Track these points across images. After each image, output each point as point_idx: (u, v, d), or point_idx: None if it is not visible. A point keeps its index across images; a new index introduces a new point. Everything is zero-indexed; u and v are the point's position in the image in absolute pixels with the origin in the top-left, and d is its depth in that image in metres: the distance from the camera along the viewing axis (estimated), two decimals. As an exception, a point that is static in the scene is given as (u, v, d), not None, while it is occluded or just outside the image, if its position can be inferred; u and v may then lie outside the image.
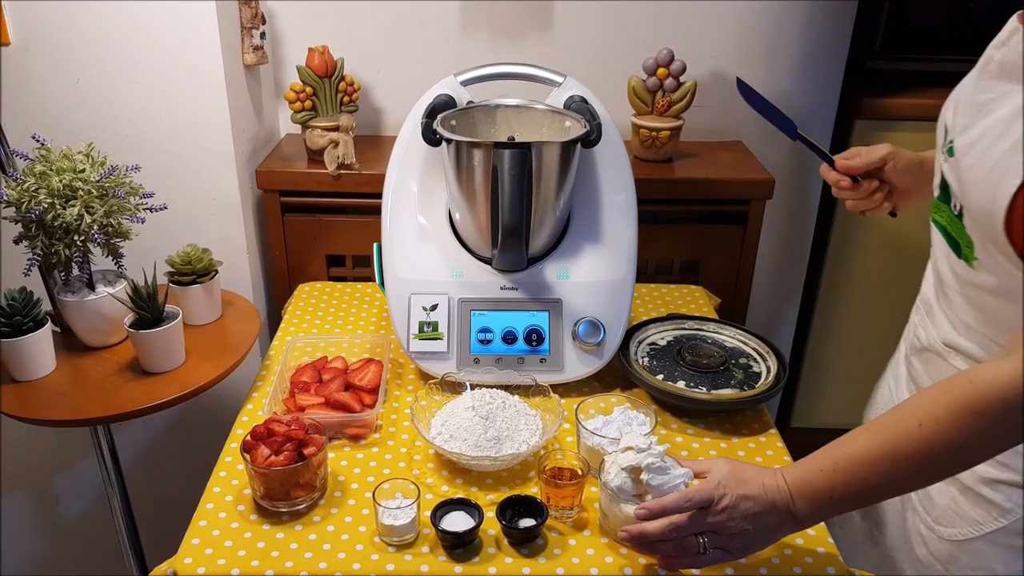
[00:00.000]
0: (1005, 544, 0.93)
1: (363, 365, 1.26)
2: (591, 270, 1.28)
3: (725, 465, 0.92)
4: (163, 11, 1.42)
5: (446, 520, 0.99)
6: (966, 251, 0.89)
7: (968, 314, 0.93)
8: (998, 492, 0.93)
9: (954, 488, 0.97)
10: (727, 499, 0.88)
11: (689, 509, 0.89)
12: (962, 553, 0.96)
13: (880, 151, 1.16)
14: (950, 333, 0.97)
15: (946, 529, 0.98)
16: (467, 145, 1.19)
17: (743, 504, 0.88)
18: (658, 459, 0.95)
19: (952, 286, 0.95)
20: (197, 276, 1.38)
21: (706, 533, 0.89)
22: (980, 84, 0.89)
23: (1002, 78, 0.86)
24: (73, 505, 1.92)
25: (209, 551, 0.97)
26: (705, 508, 0.89)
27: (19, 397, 1.22)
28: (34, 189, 1.19)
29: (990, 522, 0.93)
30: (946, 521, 0.98)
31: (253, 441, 1.04)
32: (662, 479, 0.94)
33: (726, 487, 0.89)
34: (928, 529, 1.01)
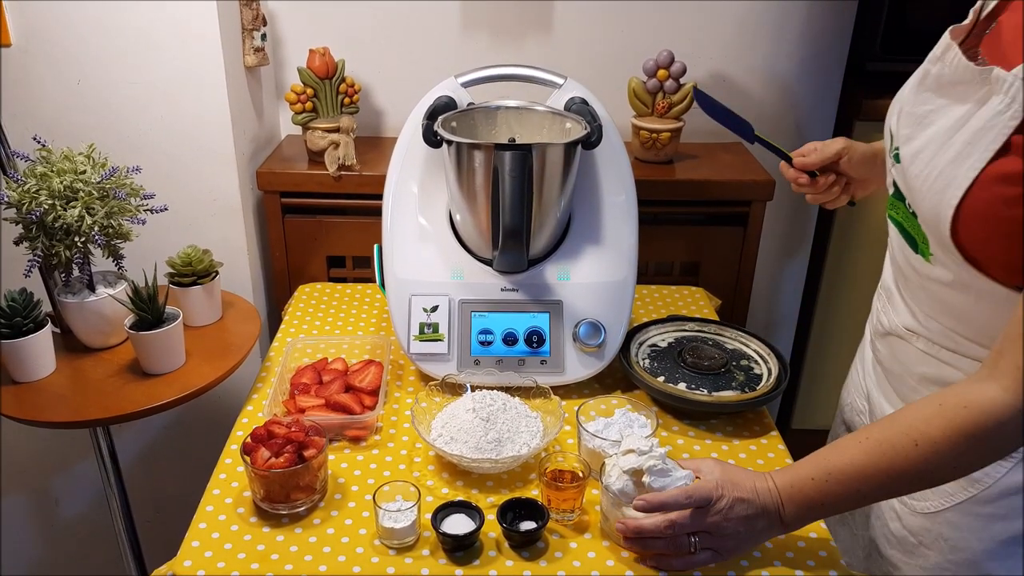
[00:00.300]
0: (975, 513, 0.95)
1: (363, 367, 1.26)
2: (592, 271, 1.28)
3: (716, 467, 0.95)
4: (164, 12, 1.42)
5: (446, 523, 0.98)
6: (922, 247, 0.92)
7: (926, 304, 0.96)
8: None
9: None
10: (724, 500, 0.90)
11: (689, 507, 0.91)
12: (934, 524, 0.98)
13: (835, 146, 1.20)
14: (910, 320, 1.00)
15: (919, 503, 1.00)
16: (468, 147, 1.19)
17: (738, 507, 0.90)
18: (660, 461, 0.95)
19: (910, 277, 0.98)
20: (197, 277, 1.38)
21: (699, 533, 0.91)
22: (919, 96, 0.93)
23: (938, 92, 0.90)
24: (72, 506, 1.92)
25: (208, 554, 0.96)
26: (703, 507, 0.90)
27: (19, 398, 1.22)
28: (35, 190, 1.19)
29: (960, 492, 0.96)
30: (919, 494, 1.00)
31: (253, 443, 1.03)
32: (664, 481, 0.95)
33: (723, 488, 0.91)
34: (902, 504, 1.03)
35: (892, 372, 1.06)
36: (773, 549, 0.98)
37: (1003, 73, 0.80)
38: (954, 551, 0.97)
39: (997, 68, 0.81)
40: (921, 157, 0.89)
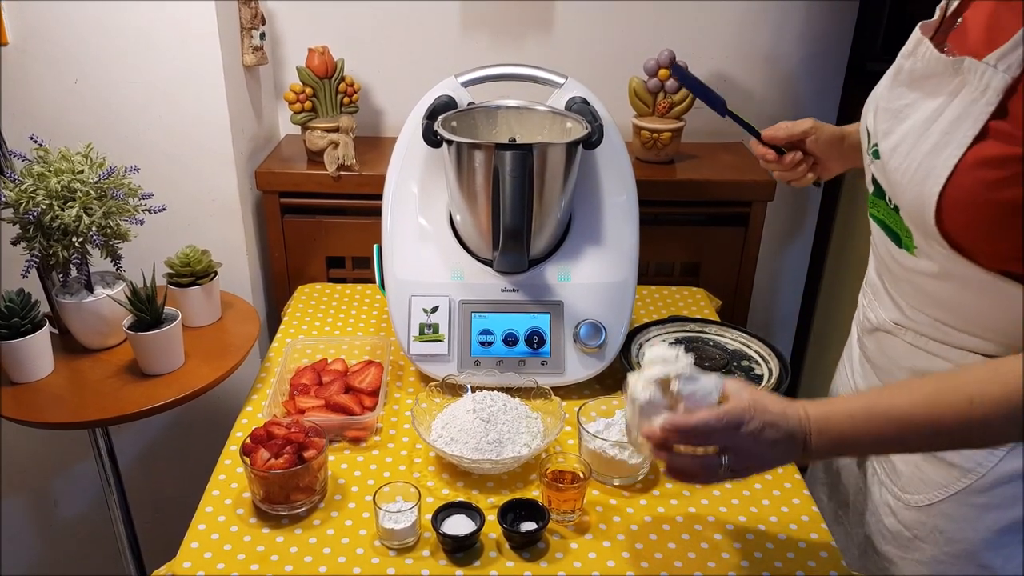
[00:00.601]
0: (969, 503, 0.95)
1: (363, 367, 1.26)
2: (592, 272, 1.27)
3: (745, 388, 0.89)
4: (163, 12, 1.41)
5: (447, 524, 0.98)
6: (906, 241, 0.93)
7: (912, 297, 0.97)
8: (958, 454, 0.95)
9: (917, 455, 1.00)
10: (755, 423, 0.85)
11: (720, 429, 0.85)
12: (929, 517, 0.99)
13: (803, 125, 1.22)
14: (896, 314, 1.00)
15: (912, 496, 1.00)
16: (468, 146, 1.19)
17: (768, 431, 0.85)
18: (687, 368, 0.90)
19: (895, 272, 0.99)
20: (196, 278, 1.37)
21: (727, 453, 0.86)
22: (894, 91, 0.95)
23: (912, 86, 0.92)
24: (71, 507, 1.91)
25: (208, 555, 0.96)
26: (736, 427, 0.85)
27: (17, 399, 1.21)
28: (32, 190, 1.18)
29: (953, 483, 0.96)
30: (912, 488, 1.00)
31: (253, 444, 1.03)
32: (693, 387, 0.89)
33: (755, 409, 0.86)
34: (895, 499, 1.03)
35: (881, 368, 1.07)
36: (774, 549, 0.97)
37: (975, 63, 0.82)
38: (950, 543, 0.98)
39: (968, 58, 0.83)
40: (900, 150, 0.90)
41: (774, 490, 1.07)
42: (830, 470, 1.24)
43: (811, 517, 1.03)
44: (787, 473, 1.11)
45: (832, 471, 1.24)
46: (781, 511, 1.04)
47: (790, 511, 1.04)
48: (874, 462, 1.09)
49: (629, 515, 1.03)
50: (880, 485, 1.07)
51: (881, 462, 1.07)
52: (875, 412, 0.85)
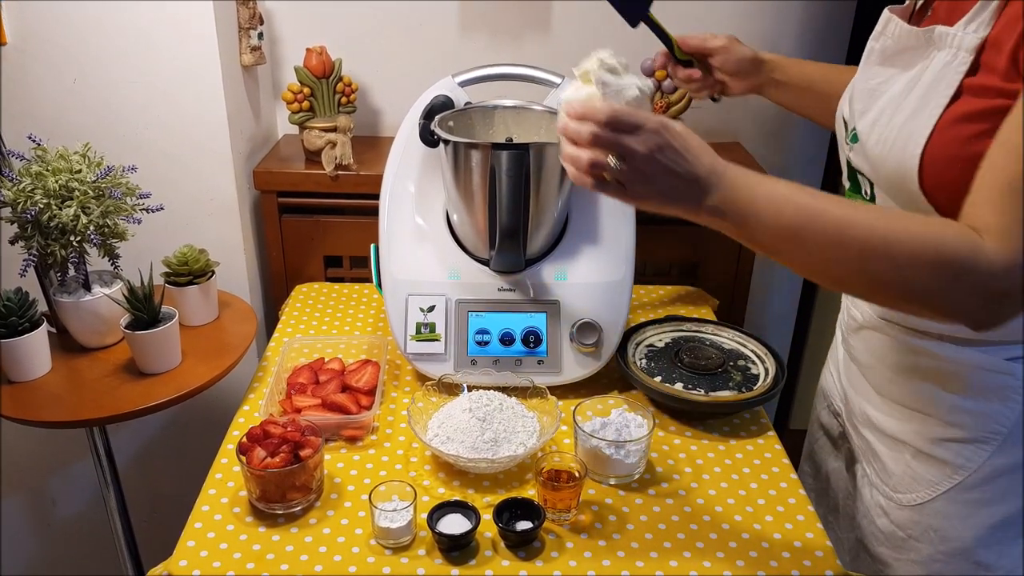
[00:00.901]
0: (961, 500, 0.96)
1: (360, 366, 1.26)
2: (589, 271, 1.28)
3: (679, 124, 0.84)
4: (161, 12, 1.42)
5: (443, 523, 0.98)
6: None
7: None
8: (948, 451, 0.96)
9: (907, 454, 1.01)
10: (657, 137, 0.80)
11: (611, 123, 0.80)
12: (922, 516, 1.00)
13: (717, 41, 1.25)
14: (882, 308, 1.01)
15: (904, 495, 1.01)
16: (465, 146, 1.19)
17: (668, 153, 0.80)
18: (612, 59, 0.85)
19: None
20: (194, 277, 1.37)
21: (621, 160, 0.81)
22: (866, 72, 0.98)
23: (884, 64, 0.95)
24: (69, 506, 1.91)
25: (204, 553, 0.96)
26: (631, 130, 0.80)
27: (15, 398, 1.21)
28: (30, 189, 1.19)
29: (944, 481, 0.97)
30: (903, 487, 1.01)
31: (249, 443, 1.03)
32: (613, 79, 0.85)
33: (664, 128, 0.81)
34: (887, 499, 1.04)
35: (867, 366, 1.08)
36: (769, 549, 0.98)
37: (945, 28, 0.85)
38: (944, 541, 0.98)
39: (939, 26, 0.86)
40: (879, 124, 0.92)
41: (770, 490, 1.08)
42: (819, 475, 1.25)
43: (807, 517, 1.03)
44: (783, 473, 1.11)
45: (822, 476, 1.24)
46: (776, 511, 1.04)
47: (785, 511, 1.04)
48: (864, 464, 1.10)
49: (624, 514, 1.03)
50: (871, 487, 1.07)
51: (871, 462, 1.08)
52: (793, 199, 0.81)
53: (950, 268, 0.76)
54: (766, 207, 0.82)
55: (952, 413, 0.95)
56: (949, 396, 0.95)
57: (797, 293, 2.04)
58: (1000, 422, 0.93)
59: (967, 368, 0.93)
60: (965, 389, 0.94)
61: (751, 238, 0.84)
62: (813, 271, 0.86)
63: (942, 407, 0.96)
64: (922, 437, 0.99)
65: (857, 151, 0.97)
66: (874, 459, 1.07)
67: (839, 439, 1.21)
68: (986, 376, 0.92)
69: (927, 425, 0.98)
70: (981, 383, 0.93)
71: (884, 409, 1.05)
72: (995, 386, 0.92)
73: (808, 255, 0.82)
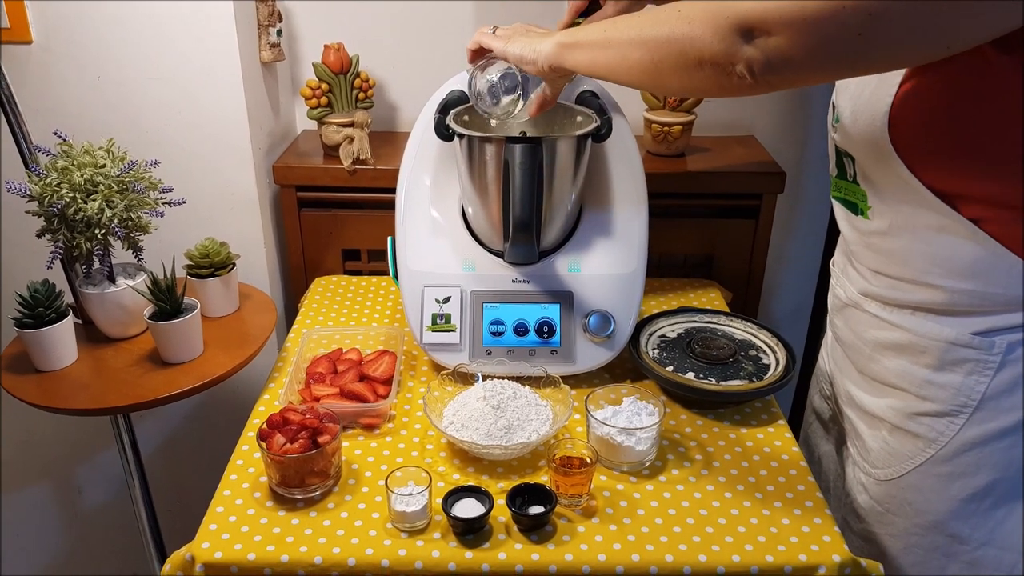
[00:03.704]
0: (935, 474, 0.99)
1: (377, 356, 1.28)
2: (602, 263, 1.29)
3: None
4: (181, 10, 1.45)
5: (457, 507, 1.00)
6: (862, 206, 1.01)
7: (873, 260, 1.02)
8: (921, 424, 1.00)
9: (883, 430, 1.05)
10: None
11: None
12: (898, 490, 1.03)
13: None
14: (862, 283, 1.06)
15: (881, 471, 1.05)
16: (479, 140, 1.21)
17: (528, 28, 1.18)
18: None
19: (856, 242, 1.05)
20: (215, 269, 1.40)
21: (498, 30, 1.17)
22: None
23: None
24: (95, 495, 1.96)
25: (226, 536, 0.99)
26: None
27: (42, 387, 1.25)
28: (56, 184, 1.22)
29: (918, 454, 1.00)
30: (880, 463, 1.05)
31: (269, 429, 1.06)
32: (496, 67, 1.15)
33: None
34: (866, 475, 1.08)
35: (849, 345, 1.11)
36: (777, 534, 0.99)
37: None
38: (919, 514, 1.02)
39: None
40: (852, 88, 0.96)
41: (779, 477, 1.09)
42: (812, 459, 1.28)
43: (815, 503, 1.04)
44: (792, 461, 1.12)
45: (815, 460, 1.27)
46: (785, 497, 1.05)
47: (794, 497, 1.05)
48: (848, 443, 1.14)
49: (635, 500, 1.05)
50: (854, 465, 1.11)
51: (853, 441, 1.12)
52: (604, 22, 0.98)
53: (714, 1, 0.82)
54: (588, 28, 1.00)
55: (924, 387, 0.99)
56: (921, 371, 0.98)
57: (812, 287, 2.04)
58: (969, 395, 0.95)
59: (937, 343, 0.96)
60: (935, 363, 0.97)
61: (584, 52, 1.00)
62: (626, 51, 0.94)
63: (915, 382, 0.99)
64: (897, 412, 1.02)
65: (839, 130, 1.01)
66: (856, 438, 1.11)
67: (829, 422, 1.25)
68: (955, 350, 0.95)
69: (902, 400, 1.02)
70: (951, 357, 0.96)
71: (864, 387, 1.09)
72: (963, 359, 0.95)
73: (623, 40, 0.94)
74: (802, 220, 1.95)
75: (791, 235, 1.96)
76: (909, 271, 0.97)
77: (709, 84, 0.86)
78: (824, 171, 1.88)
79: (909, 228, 0.95)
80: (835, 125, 1.03)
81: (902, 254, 0.97)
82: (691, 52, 0.85)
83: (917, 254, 0.95)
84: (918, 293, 0.97)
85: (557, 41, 1.03)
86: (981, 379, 0.95)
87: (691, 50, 0.85)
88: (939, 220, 0.91)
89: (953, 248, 0.91)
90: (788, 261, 1.99)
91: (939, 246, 0.92)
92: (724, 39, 0.81)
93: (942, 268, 0.93)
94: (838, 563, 0.95)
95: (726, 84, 0.84)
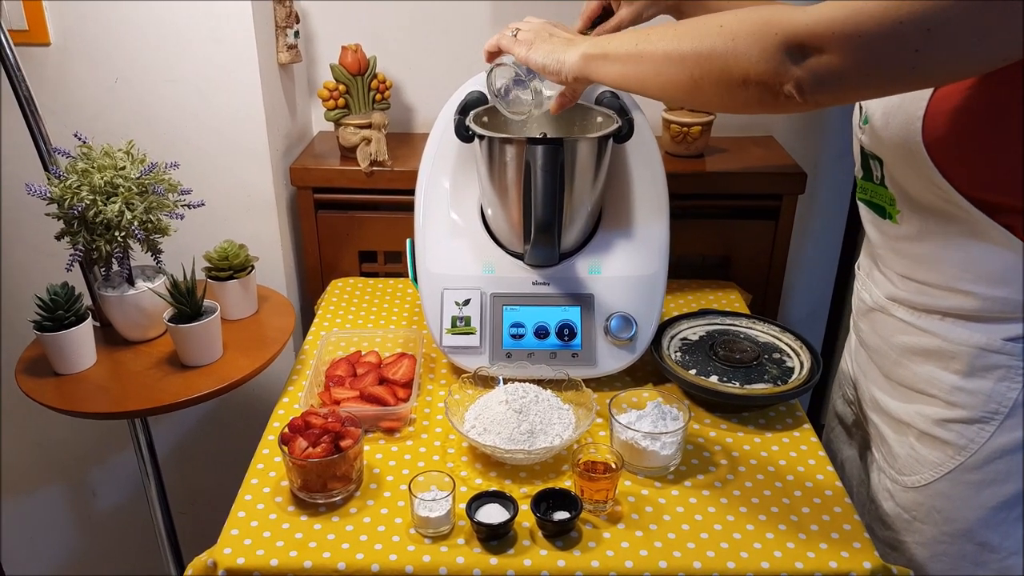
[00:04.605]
0: (964, 481, 0.98)
1: (396, 359, 1.28)
2: (623, 265, 1.28)
3: None
4: (199, 11, 1.44)
5: (481, 512, 0.99)
6: (890, 210, 0.99)
7: (901, 265, 1.01)
8: (951, 431, 0.98)
9: (911, 436, 1.03)
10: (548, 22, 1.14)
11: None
12: (926, 497, 1.01)
13: None
14: (889, 288, 1.04)
15: (909, 477, 1.03)
16: (500, 141, 1.20)
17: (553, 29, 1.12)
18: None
19: (883, 246, 1.04)
20: (234, 271, 1.40)
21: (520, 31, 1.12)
22: None
23: None
24: (110, 498, 1.95)
25: (248, 541, 0.98)
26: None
27: (61, 390, 1.24)
28: (76, 186, 1.21)
29: (947, 462, 0.98)
30: (908, 470, 1.03)
31: (291, 433, 1.05)
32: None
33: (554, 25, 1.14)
34: (893, 482, 1.06)
35: (875, 349, 1.10)
36: (806, 540, 0.98)
37: None
38: (948, 522, 1.00)
39: None
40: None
41: (806, 482, 1.08)
42: (835, 464, 1.25)
43: (843, 509, 1.03)
44: (819, 466, 1.11)
45: (837, 465, 1.25)
46: (813, 503, 1.04)
47: (822, 503, 1.04)
48: (873, 449, 1.12)
49: (661, 505, 1.04)
50: (879, 471, 1.10)
51: (879, 446, 1.10)
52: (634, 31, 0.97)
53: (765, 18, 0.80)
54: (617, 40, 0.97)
55: (953, 394, 0.97)
56: (950, 376, 0.97)
57: (830, 288, 2.03)
58: (1000, 402, 0.94)
59: (967, 348, 0.95)
60: (965, 369, 0.95)
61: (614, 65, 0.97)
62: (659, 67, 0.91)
63: (944, 388, 0.98)
64: (925, 418, 1.01)
65: (867, 131, 0.99)
66: (882, 443, 1.10)
67: (852, 427, 1.23)
68: (985, 356, 0.94)
69: (930, 406, 1.00)
70: (981, 363, 0.94)
71: (890, 392, 1.07)
72: (995, 366, 0.93)
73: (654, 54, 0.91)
74: (819, 221, 1.93)
75: (808, 236, 1.94)
76: (939, 277, 0.95)
77: (753, 102, 0.84)
78: (842, 172, 1.87)
79: (940, 233, 0.93)
80: (863, 126, 1.02)
81: (932, 259, 0.96)
82: (735, 70, 0.82)
83: (948, 260, 0.94)
84: (949, 299, 0.95)
85: (583, 53, 1.00)
86: (1012, 385, 0.93)
87: (735, 68, 0.82)
88: (972, 226, 0.89)
89: (986, 254, 0.90)
90: (805, 262, 1.97)
91: (972, 252, 0.91)
92: (772, 58, 0.79)
93: (974, 274, 0.92)
94: (869, 570, 0.94)
95: (771, 103, 0.82)
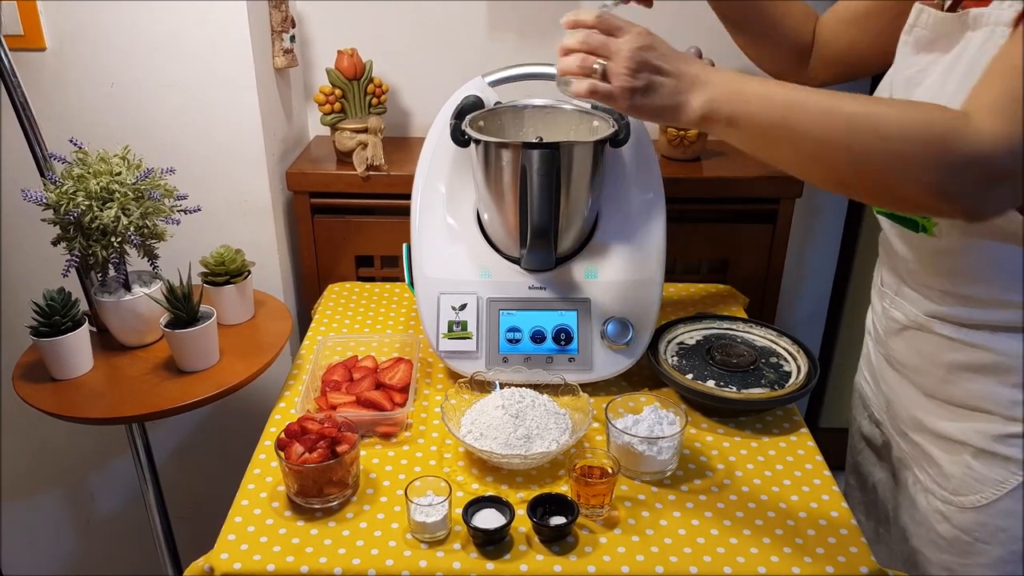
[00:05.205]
0: None
1: (393, 364, 1.28)
2: (620, 269, 1.28)
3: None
4: (195, 15, 1.44)
5: (477, 517, 0.99)
6: (924, 223, 0.94)
7: (940, 280, 0.97)
8: (1012, 447, 0.94)
9: (966, 455, 0.98)
10: (642, 38, 0.89)
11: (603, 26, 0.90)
12: (989, 517, 0.97)
13: None
14: (928, 305, 1.00)
15: (967, 498, 0.98)
16: (496, 146, 1.20)
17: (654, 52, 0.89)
18: None
19: (916, 260, 1.00)
20: (230, 276, 1.40)
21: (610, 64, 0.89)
22: (902, 62, 0.97)
23: (920, 52, 0.95)
24: (108, 503, 1.95)
25: (244, 547, 0.98)
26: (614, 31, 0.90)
27: (58, 395, 1.24)
28: (72, 191, 1.21)
29: (1011, 478, 0.94)
30: (965, 489, 0.98)
31: (287, 439, 1.05)
32: None
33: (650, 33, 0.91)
34: (946, 504, 1.01)
35: (914, 368, 1.05)
36: (803, 545, 0.98)
37: (980, 8, 0.85)
38: (1015, 541, 0.96)
39: (972, 8, 0.85)
40: (920, 94, 0.92)
41: (803, 486, 1.07)
42: (866, 487, 1.23)
43: (840, 513, 1.03)
44: (816, 470, 1.11)
45: (868, 488, 1.22)
46: (810, 507, 1.04)
47: (819, 507, 1.04)
48: (916, 470, 1.07)
49: (658, 510, 1.04)
50: (926, 493, 1.05)
51: (925, 468, 1.05)
52: (780, 88, 0.85)
53: (938, 139, 0.76)
54: (756, 100, 0.85)
55: (1013, 407, 0.93)
56: (1008, 390, 0.93)
57: (827, 291, 2.03)
58: None
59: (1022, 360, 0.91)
60: (1022, 381, 0.92)
61: (741, 134, 0.87)
62: (802, 159, 0.86)
63: (1001, 402, 0.94)
64: (983, 435, 0.96)
65: None
66: (928, 464, 1.04)
67: (882, 448, 1.19)
68: None
69: (987, 422, 0.96)
70: None
71: (936, 412, 1.02)
72: None
73: (796, 142, 0.84)
74: (817, 225, 1.93)
75: (806, 240, 1.94)
76: (987, 290, 0.92)
77: (908, 210, 0.83)
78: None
79: (986, 246, 0.90)
80: None
81: (978, 272, 0.92)
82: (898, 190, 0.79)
83: (996, 272, 0.90)
84: (999, 312, 0.92)
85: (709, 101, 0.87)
86: None
87: (898, 188, 0.80)
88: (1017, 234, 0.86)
89: None
90: (803, 266, 1.97)
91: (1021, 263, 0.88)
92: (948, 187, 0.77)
93: None
94: (866, 574, 0.94)
95: (931, 213, 0.81)
